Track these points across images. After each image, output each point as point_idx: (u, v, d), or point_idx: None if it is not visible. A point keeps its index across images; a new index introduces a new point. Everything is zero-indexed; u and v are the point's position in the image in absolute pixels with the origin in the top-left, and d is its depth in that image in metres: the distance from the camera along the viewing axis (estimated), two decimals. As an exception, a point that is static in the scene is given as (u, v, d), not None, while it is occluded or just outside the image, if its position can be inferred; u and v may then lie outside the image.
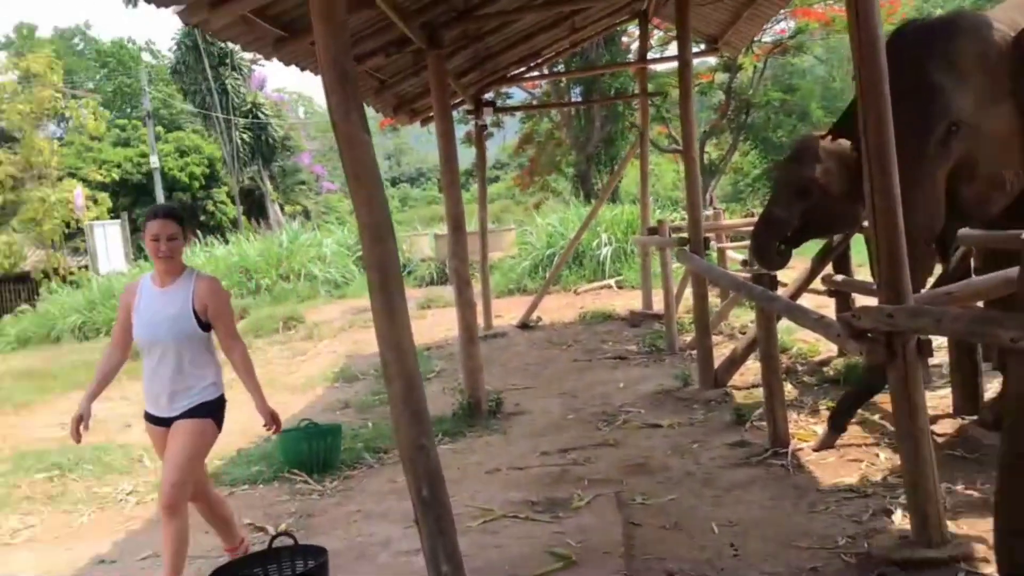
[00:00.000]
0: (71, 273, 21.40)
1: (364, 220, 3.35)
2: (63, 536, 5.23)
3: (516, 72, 11.26)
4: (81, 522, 5.48)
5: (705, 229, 7.69)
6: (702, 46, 11.93)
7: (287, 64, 5.77)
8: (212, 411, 3.78)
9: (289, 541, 3.64)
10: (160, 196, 25.27)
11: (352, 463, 5.92)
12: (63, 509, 5.77)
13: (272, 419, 3.87)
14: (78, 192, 23.05)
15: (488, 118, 11.58)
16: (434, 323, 12.28)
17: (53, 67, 23.58)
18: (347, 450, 6.10)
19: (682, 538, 4.00)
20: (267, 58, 5.50)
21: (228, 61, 27.37)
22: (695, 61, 9.75)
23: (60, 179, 23.50)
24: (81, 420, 3.75)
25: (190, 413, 3.74)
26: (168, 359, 3.72)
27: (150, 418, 3.85)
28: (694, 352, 7.77)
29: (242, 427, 7.18)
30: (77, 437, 3.76)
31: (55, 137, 25.39)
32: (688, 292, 8.75)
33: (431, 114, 9.02)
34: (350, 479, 5.65)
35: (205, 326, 3.77)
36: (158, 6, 4.14)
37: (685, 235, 7.70)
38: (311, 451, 5.76)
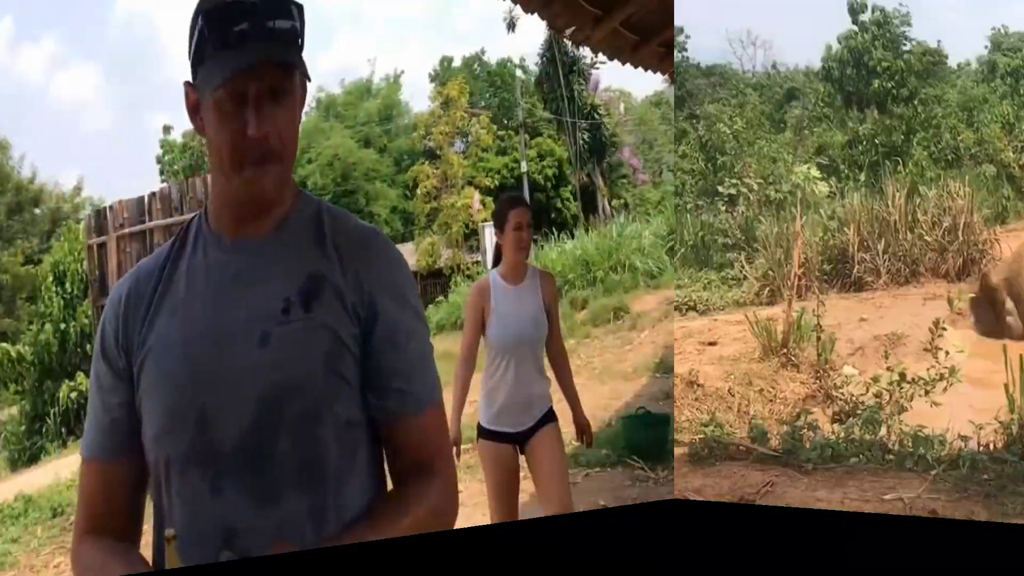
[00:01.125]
0: (467, 268, 25.15)
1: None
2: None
3: None
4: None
5: None
6: None
7: (636, 67, 6.44)
8: None
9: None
10: (527, 198, 28.56)
11: (681, 455, 5.61)
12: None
13: (584, 430, 3.68)
14: (476, 197, 26.99)
15: None
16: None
17: (463, 91, 28.11)
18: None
19: None
20: (623, 63, 6.20)
21: (575, 68, 30.09)
22: None
23: (462, 188, 27.74)
24: (456, 446, 3.50)
25: (547, 418, 3.54)
26: (528, 363, 3.47)
27: (492, 435, 3.49)
28: None
29: (589, 411, 8.71)
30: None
31: (459, 151, 29.86)
32: None
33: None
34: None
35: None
36: (558, 33, 5.48)
37: None
38: (647, 439, 6.15)
